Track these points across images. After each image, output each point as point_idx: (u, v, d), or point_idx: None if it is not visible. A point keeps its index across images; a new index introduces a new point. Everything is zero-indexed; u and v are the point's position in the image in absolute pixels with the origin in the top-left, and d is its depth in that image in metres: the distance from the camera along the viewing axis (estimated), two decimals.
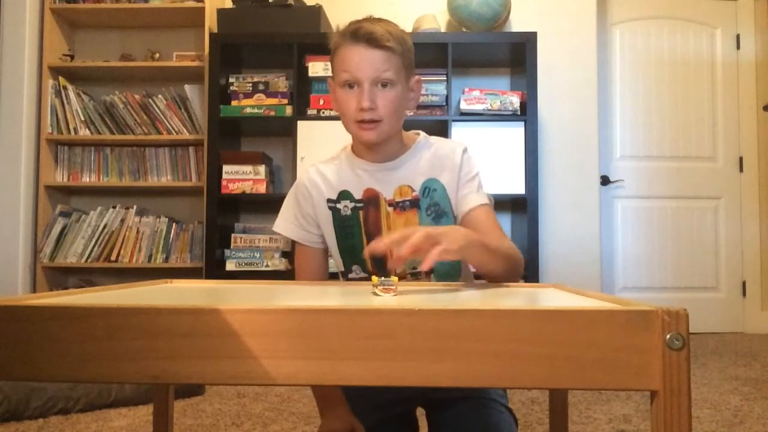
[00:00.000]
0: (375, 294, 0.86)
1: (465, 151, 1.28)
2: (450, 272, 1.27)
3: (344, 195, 1.26)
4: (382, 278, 0.87)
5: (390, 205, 1.25)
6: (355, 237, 1.25)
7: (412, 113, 3.11)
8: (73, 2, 3.53)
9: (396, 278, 0.89)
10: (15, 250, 3.37)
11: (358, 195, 1.26)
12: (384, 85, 1.18)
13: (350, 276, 1.28)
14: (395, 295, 0.85)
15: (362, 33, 1.17)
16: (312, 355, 0.58)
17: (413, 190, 1.25)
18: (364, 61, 1.17)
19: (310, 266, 1.31)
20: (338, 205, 1.26)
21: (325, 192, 1.27)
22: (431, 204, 1.25)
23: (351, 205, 1.25)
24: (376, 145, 1.23)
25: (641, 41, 4.00)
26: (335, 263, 1.32)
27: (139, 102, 3.51)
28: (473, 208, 1.23)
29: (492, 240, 1.14)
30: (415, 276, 1.24)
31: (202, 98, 3.43)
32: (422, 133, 1.32)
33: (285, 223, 1.32)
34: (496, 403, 1.19)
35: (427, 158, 1.27)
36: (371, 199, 1.25)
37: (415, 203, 1.24)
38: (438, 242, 0.96)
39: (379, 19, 1.23)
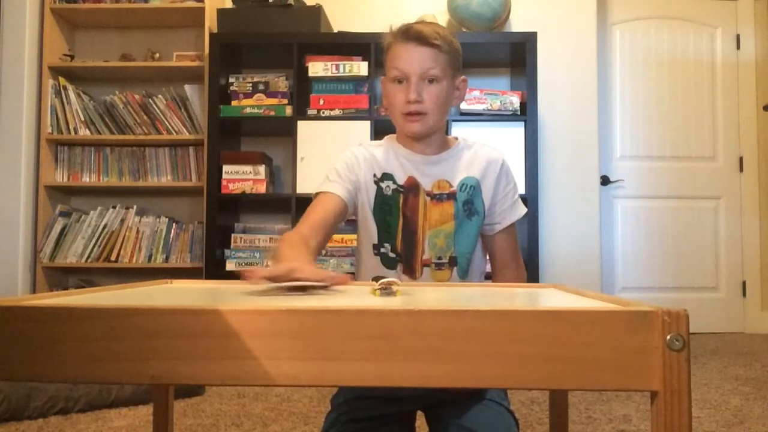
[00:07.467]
0: (375, 295, 0.86)
1: (504, 162, 1.37)
2: (465, 266, 1.32)
3: (387, 176, 1.32)
4: (383, 279, 0.87)
5: (428, 195, 1.31)
6: (392, 215, 1.31)
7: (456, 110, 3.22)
8: (73, 2, 3.53)
9: (397, 280, 0.89)
10: (15, 250, 3.37)
11: (400, 180, 1.32)
12: (431, 81, 1.27)
13: (381, 251, 1.32)
14: (396, 296, 0.85)
15: (412, 32, 1.26)
16: (312, 356, 0.58)
17: (451, 186, 1.32)
18: (412, 58, 1.26)
19: (325, 206, 1.27)
20: (381, 184, 1.32)
21: (373, 167, 1.33)
22: (467, 200, 1.32)
23: (393, 186, 1.32)
24: (420, 137, 1.31)
25: (641, 41, 4.00)
26: (364, 236, 1.33)
27: (139, 102, 3.50)
28: (498, 232, 1.35)
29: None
30: (440, 267, 1.30)
31: (202, 98, 3.42)
32: (462, 137, 1.40)
33: (330, 184, 1.30)
34: (496, 404, 1.19)
35: (467, 158, 1.35)
36: (412, 187, 1.32)
37: (452, 196, 1.31)
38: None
39: (430, 23, 1.33)
